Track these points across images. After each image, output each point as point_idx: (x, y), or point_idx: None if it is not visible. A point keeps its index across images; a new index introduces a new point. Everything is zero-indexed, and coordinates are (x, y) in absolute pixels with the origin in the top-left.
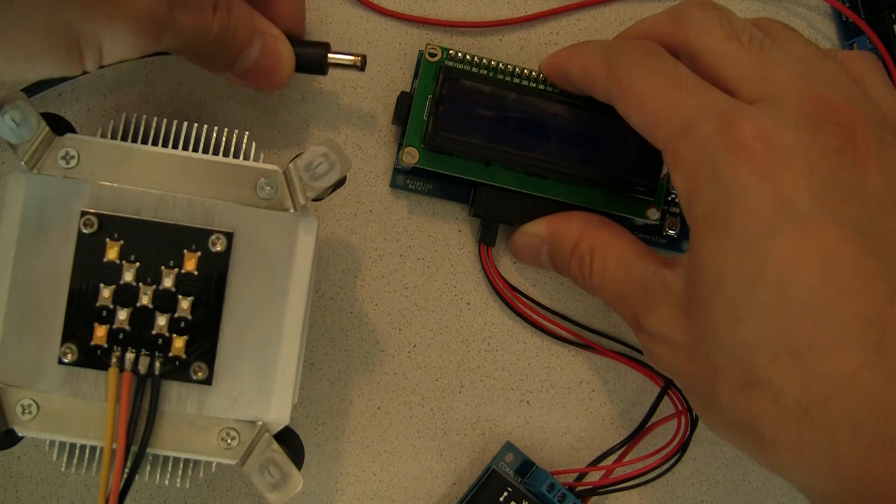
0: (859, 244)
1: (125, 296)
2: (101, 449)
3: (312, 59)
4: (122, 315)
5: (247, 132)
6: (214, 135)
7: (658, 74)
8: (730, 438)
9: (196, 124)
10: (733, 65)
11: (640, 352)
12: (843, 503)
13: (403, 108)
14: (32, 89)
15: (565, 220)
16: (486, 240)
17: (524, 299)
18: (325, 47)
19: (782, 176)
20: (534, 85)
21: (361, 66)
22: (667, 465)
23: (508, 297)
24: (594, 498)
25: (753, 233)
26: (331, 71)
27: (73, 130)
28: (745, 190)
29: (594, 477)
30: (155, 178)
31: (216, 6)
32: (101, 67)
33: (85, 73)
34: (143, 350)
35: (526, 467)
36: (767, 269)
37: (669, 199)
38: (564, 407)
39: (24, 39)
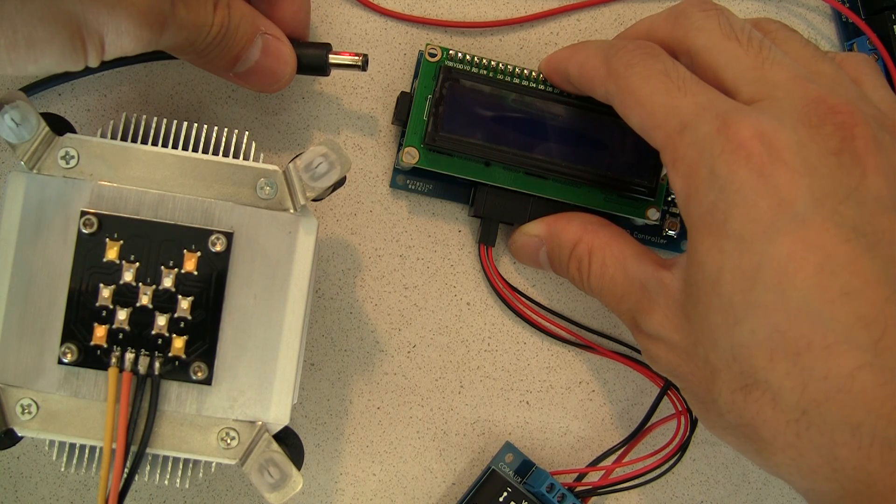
0: (858, 244)
1: (125, 296)
2: (101, 449)
3: (314, 59)
4: (122, 315)
5: (247, 132)
6: (214, 135)
7: (656, 74)
8: (728, 440)
9: (196, 124)
10: (732, 65)
11: (639, 352)
12: None
13: (403, 108)
14: (32, 89)
15: (564, 221)
16: (485, 240)
17: (524, 299)
18: (327, 48)
19: (780, 176)
20: (534, 85)
21: (363, 66)
22: (666, 466)
23: (508, 297)
24: (594, 498)
25: (751, 233)
26: (332, 71)
27: (73, 130)
28: (742, 190)
29: (594, 477)
30: (155, 178)
31: (216, 4)
32: (104, 64)
33: (88, 69)
34: (142, 350)
35: (525, 467)
36: (765, 270)
37: (669, 199)
38: (564, 407)
39: (27, 26)
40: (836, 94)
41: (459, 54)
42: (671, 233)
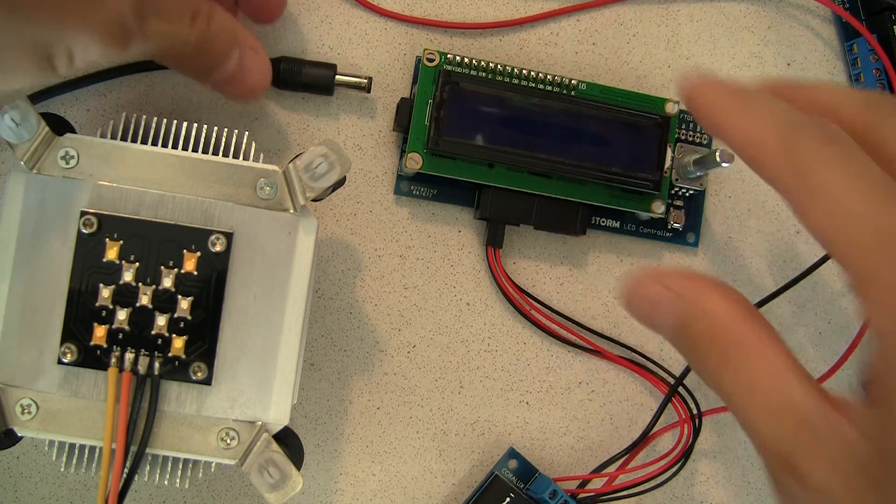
0: None
1: (125, 296)
2: (101, 449)
3: (320, 80)
4: (122, 315)
5: (247, 132)
6: (214, 135)
7: (853, 174)
8: None
9: (196, 124)
10: None
11: (644, 357)
12: None
13: (404, 114)
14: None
15: (707, 291)
16: (493, 242)
17: (533, 302)
18: (333, 69)
19: None
20: (533, 85)
21: (367, 88)
22: (669, 473)
23: (516, 299)
24: None
25: None
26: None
27: (72, 130)
28: None
29: (597, 484)
30: (155, 178)
31: (195, 17)
32: (79, 72)
33: (64, 79)
34: (142, 350)
35: (528, 473)
36: None
37: (673, 192)
38: (564, 407)
39: None
40: None
41: (457, 57)
42: (676, 225)
